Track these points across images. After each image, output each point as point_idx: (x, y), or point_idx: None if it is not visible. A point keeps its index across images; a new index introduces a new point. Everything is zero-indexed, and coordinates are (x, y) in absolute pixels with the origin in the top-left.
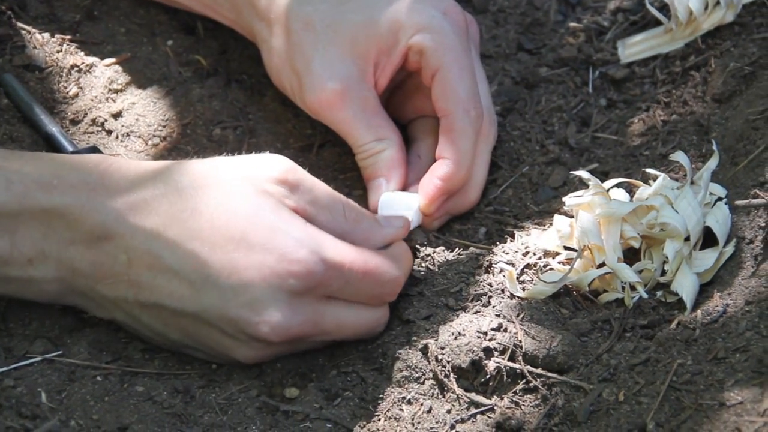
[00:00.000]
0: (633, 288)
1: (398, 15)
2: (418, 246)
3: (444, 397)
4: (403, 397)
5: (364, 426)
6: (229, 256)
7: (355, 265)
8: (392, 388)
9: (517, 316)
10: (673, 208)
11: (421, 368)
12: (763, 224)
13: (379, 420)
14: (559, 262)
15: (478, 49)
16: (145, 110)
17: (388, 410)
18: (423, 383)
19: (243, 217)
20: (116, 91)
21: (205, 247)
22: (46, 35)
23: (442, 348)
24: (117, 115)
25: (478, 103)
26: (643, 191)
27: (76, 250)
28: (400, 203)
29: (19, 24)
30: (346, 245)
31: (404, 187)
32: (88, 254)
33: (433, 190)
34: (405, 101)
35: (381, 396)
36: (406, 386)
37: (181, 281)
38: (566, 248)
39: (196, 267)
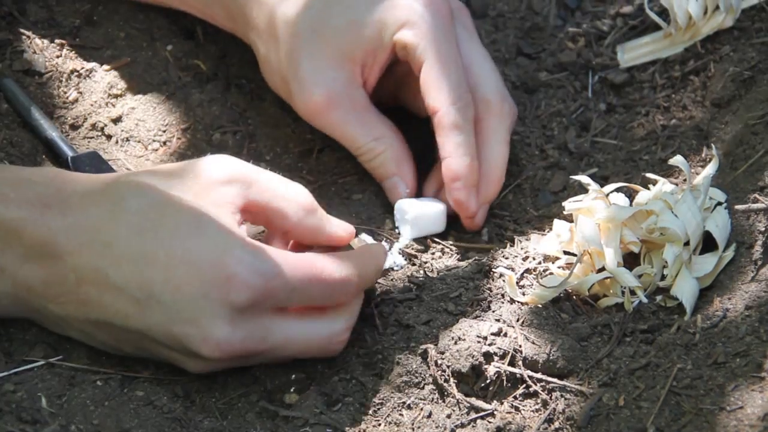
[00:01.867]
0: (633, 292)
1: (380, 14)
2: (416, 252)
3: (444, 401)
4: (403, 402)
5: (364, 430)
6: (171, 273)
7: (299, 271)
8: (392, 393)
9: (517, 320)
10: (672, 212)
11: (420, 373)
12: (763, 229)
13: (379, 425)
14: (558, 267)
15: (473, 31)
16: (144, 115)
17: (388, 415)
18: (423, 388)
19: (185, 233)
20: (116, 96)
21: (148, 264)
22: (46, 40)
23: (442, 353)
24: (117, 120)
25: (464, 92)
26: (643, 196)
27: (29, 267)
28: (423, 215)
29: (19, 29)
30: (287, 253)
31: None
32: (40, 272)
33: (460, 197)
34: (418, 95)
35: (381, 401)
36: (405, 391)
37: (127, 299)
38: (566, 253)
39: (140, 284)
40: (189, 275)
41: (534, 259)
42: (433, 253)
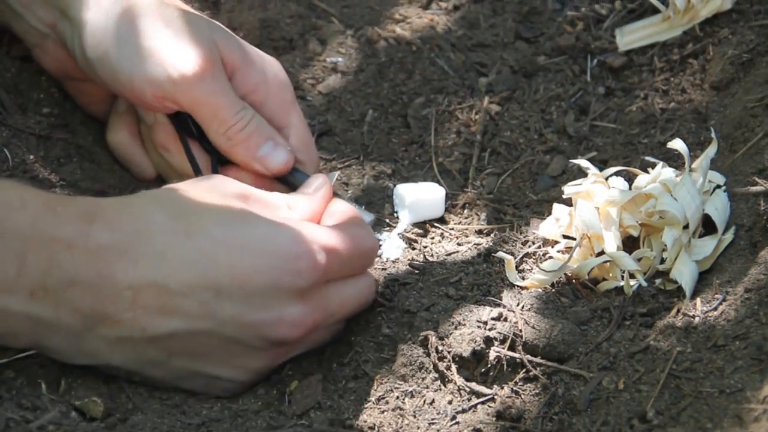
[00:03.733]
0: (632, 276)
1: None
2: (415, 237)
3: (445, 387)
4: (404, 389)
5: (365, 418)
6: (237, 268)
7: (345, 243)
8: (393, 379)
9: (517, 305)
10: (671, 195)
11: (421, 359)
12: (762, 211)
13: (381, 412)
14: (558, 251)
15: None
16: None
17: (389, 401)
18: (423, 373)
19: (238, 226)
20: None
21: (211, 264)
22: None
23: (443, 338)
24: None
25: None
26: (642, 179)
27: (77, 289)
28: (422, 199)
29: None
30: (330, 228)
31: None
32: (89, 295)
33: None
34: None
35: (382, 387)
36: (406, 377)
37: (192, 302)
38: (565, 237)
39: (205, 286)
40: (256, 266)
41: (533, 243)
42: (432, 238)
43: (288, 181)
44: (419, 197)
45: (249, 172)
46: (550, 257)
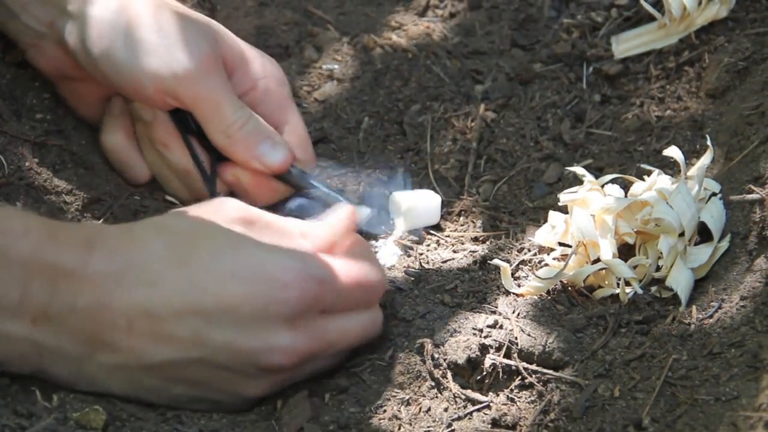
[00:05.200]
0: (628, 284)
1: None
2: (411, 243)
3: (440, 395)
4: (400, 397)
5: (362, 428)
6: (225, 296)
7: (344, 275)
8: (389, 387)
9: (513, 312)
10: (667, 203)
11: (416, 366)
12: (758, 219)
13: (377, 420)
14: (554, 258)
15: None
16: None
17: (385, 410)
18: (419, 381)
19: (230, 253)
20: None
21: (200, 293)
22: None
23: (438, 346)
24: None
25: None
26: (638, 187)
27: (77, 317)
28: (417, 206)
29: None
30: (332, 259)
31: None
32: (87, 323)
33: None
34: None
35: (378, 395)
36: (402, 385)
37: (183, 329)
38: (561, 244)
39: (194, 311)
40: (244, 294)
41: (529, 250)
42: (428, 245)
43: (286, 179)
44: (415, 204)
45: (247, 170)
46: (546, 265)
